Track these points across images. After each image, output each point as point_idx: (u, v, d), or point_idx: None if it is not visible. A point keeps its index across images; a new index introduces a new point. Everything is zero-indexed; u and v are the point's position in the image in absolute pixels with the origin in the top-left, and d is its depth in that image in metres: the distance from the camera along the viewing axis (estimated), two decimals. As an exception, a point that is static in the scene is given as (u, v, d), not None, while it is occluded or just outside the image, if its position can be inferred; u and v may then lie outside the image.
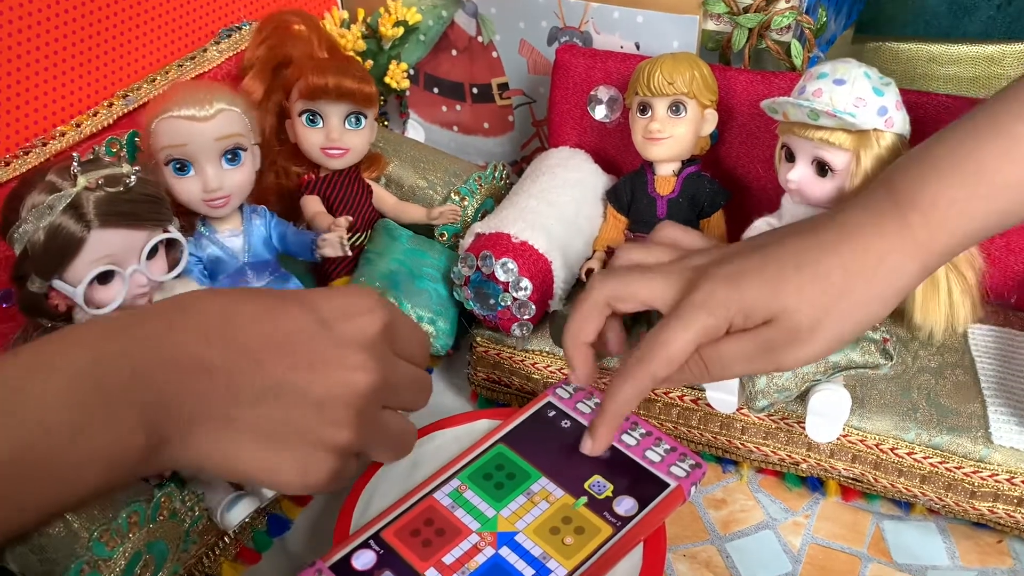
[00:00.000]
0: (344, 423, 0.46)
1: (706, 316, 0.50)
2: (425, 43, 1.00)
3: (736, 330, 0.51)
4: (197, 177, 0.67)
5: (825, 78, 0.64)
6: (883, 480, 0.65)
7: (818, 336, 0.49)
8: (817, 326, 0.49)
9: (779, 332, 0.49)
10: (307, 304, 0.47)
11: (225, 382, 0.43)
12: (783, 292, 0.49)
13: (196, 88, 0.67)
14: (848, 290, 0.49)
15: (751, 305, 0.50)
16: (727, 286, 0.50)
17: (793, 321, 0.49)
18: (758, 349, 0.50)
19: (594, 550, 0.53)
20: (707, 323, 0.50)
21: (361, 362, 0.46)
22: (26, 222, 0.55)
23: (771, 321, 0.49)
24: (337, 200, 0.78)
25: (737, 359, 0.51)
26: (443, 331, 0.74)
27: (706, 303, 0.50)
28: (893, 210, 0.49)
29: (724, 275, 0.51)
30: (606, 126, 0.83)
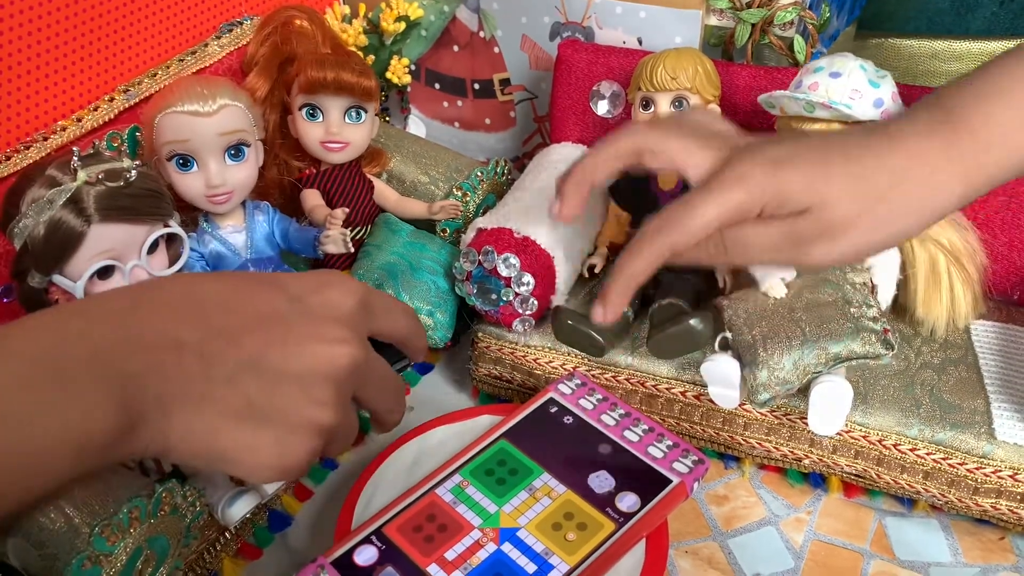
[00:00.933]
0: (326, 402, 0.44)
1: (741, 193, 0.48)
2: (427, 38, 0.99)
3: (768, 215, 0.49)
4: (200, 172, 0.67)
5: (821, 71, 0.64)
6: (886, 476, 0.65)
7: (850, 235, 0.48)
8: (852, 224, 0.48)
9: (812, 224, 0.48)
10: (276, 283, 0.46)
11: (196, 359, 0.41)
12: (825, 183, 0.48)
13: (200, 83, 0.67)
14: (890, 195, 0.48)
15: (790, 190, 0.48)
16: (768, 167, 0.49)
17: (829, 214, 0.48)
18: (786, 238, 0.49)
19: (596, 546, 0.53)
20: (740, 200, 0.48)
21: (341, 335, 0.44)
22: (26, 217, 0.55)
23: (806, 211, 0.48)
24: (337, 194, 0.78)
25: (762, 246, 0.50)
26: (441, 323, 0.74)
27: (743, 180, 0.48)
28: (945, 126, 0.49)
29: (766, 157, 0.49)
30: (608, 121, 0.83)
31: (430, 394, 0.79)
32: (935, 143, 0.49)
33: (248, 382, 0.42)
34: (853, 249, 0.49)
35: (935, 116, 0.50)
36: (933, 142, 0.49)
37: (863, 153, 0.49)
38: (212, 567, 0.62)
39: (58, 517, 0.50)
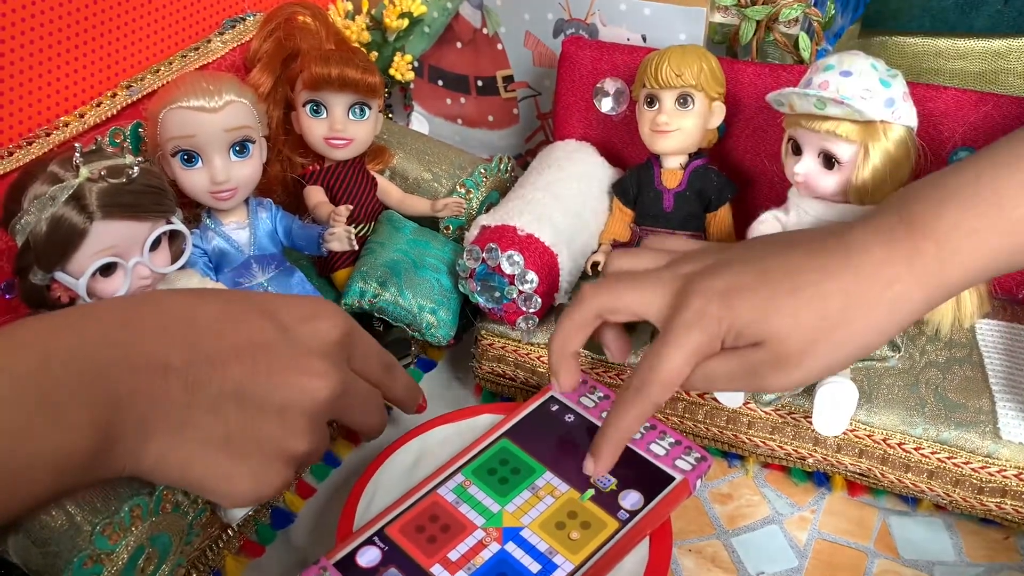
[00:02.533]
0: (303, 433, 0.45)
1: (698, 335, 0.49)
2: (430, 35, 0.99)
3: (726, 347, 0.49)
4: (204, 169, 0.67)
5: (832, 70, 0.64)
6: (890, 475, 0.64)
7: (806, 364, 0.48)
8: (807, 354, 0.47)
9: (767, 356, 0.48)
10: (267, 310, 0.46)
11: (182, 384, 0.41)
12: (776, 315, 0.47)
13: (205, 79, 0.67)
14: (846, 319, 0.47)
15: (742, 325, 0.48)
16: (719, 303, 0.49)
17: (783, 347, 0.47)
18: (743, 370, 0.49)
19: (600, 545, 0.53)
20: (699, 342, 0.49)
21: (322, 369, 0.45)
22: (28, 213, 0.55)
23: (760, 344, 0.48)
24: (341, 191, 0.78)
25: (720, 377, 0.50)
26: (444, 321, 0.74)
27: (697, 322, 0.49)
28: (905, 236, 0.47)
29: (717, 291, 0.49)
30: (612, 119, 0.83)
31: (433, 391, 0.79)
32: (895, 253, 0.47)
33: (230, 412, 0.42)
34: (812, 375, 0.49)
35: (895, 223, 0.48)
36: (893, 252, 0.47)
37: (818, 275, 0.48)
38: (214, 565, 0.62)
39: (60, 515, 0.50)
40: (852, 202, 0.66)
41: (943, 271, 0.47)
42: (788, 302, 0.47)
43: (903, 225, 0.48)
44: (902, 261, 0.47)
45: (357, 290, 0.71)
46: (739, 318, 0.48)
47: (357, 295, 0.71)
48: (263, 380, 0.43)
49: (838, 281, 0.47)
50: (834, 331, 0.47)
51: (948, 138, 0.70)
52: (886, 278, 0.47)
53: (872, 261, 0.47)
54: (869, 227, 0.49)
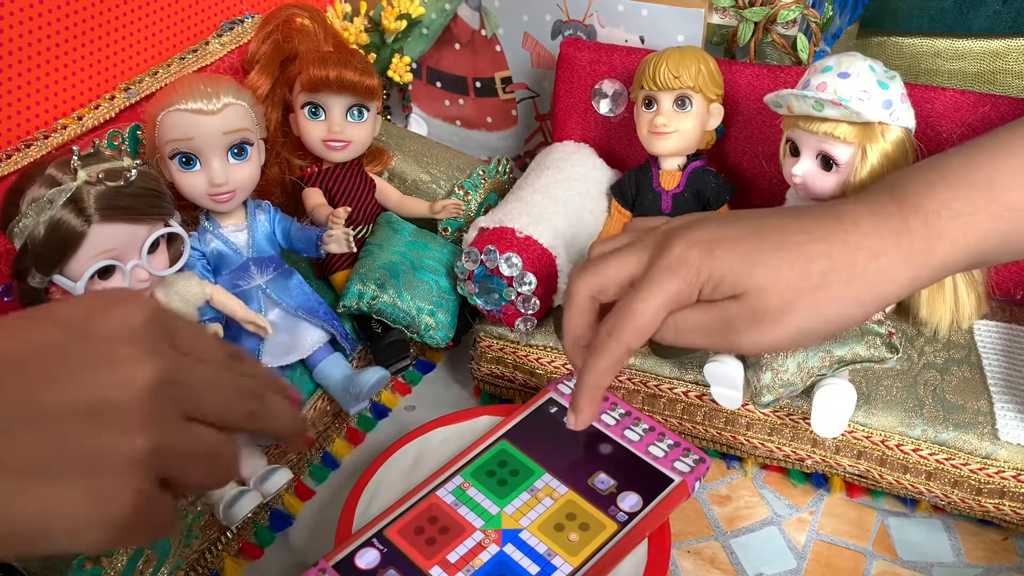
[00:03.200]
0: (131, 428, 0.36)
1: (676, 281, 0.47)
2: (428, 36, 0.99)
3: (704, 297, 0.48)
4: (203, 171, 0.67)
5: (830, 71, 0.64)
6: (888, 476, 0.65)
7: (783, 323, 0.46)
8: (785, 312, 0.46)
9: (743, 310, 0.46)
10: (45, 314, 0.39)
11: None
12: (758, 267, 0.46)
13: (203, 81, 0.67)
14: (828, 281, 0.46)
15: (722, 274, 0.47)
16: (700, 251, 0.47)
17: (761, 301, 0.46)
18: (717, 323, 0.47)
19: (599, 546, 0.53)
20: (677, 288, 0.47)
21: (131, 353, 0.38)
22: (26, 216, 0.55)
23: (738, 296, 0.46)
24: (339, 193, 0.78)
25: (693, 329, 0.48)
26: (443, 323, 0.74)
27: (676, 267, 0.47)
28: (896, 211, 0.47)
29: (698, 239, 0.48)
30: (610, 120, 0.83)
31: (431, 393, 0.79)
32: (884, 227, 0.47)
33: (32, 431, 0.35)
34: (787, 336, 0.47)
35: (887, 200, 0.48)
36: (882, 226, 0.47)
37: (804, 236, 0.47)
38: (213, 567, 0.62)
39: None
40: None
41: (930, 250, 0.46)
42: (772, 256, 0.46)
43: (894, 202, 0.48)
44: (890, 235, 0.47)
45: (355, 292, 0.71)
46: (720, 267, 0.47)
47: (355, 297, 0.71)
48: (55, 386, 0.36)
49: (824, 244, 0.47)
50: (814, 292, 0.46)
51: (946, 139, 0.70)
52: (872, 249, 0.46)
53: (860, 231, 0.47)
54: (860, 201, 0.49)
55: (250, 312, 0.67)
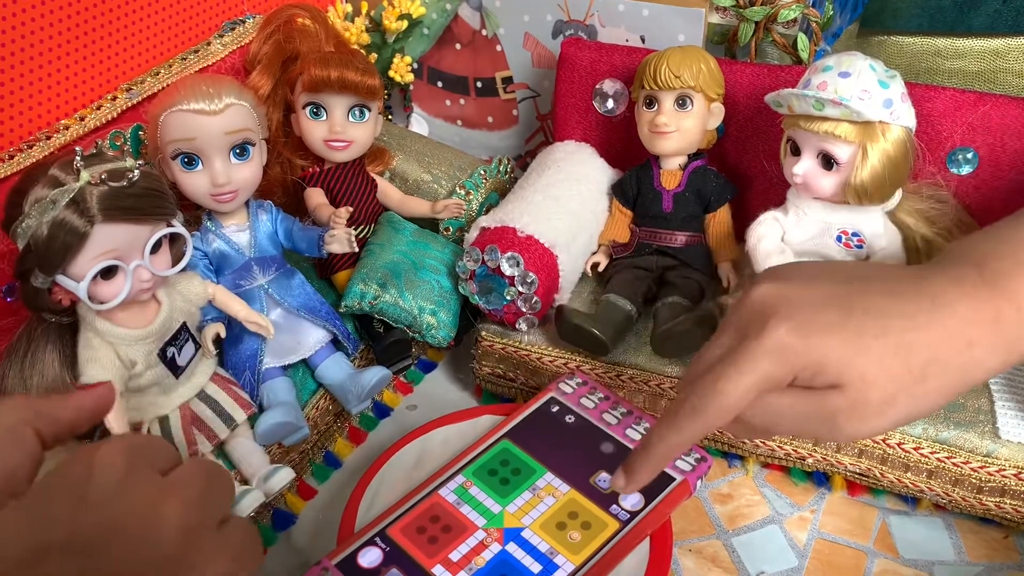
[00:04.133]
0: None
1: (771, 365, 0.44)
2: (429, 36, 0.99)
3: (798, 384, 0.44)
4: (205, 171, 0.67)
5: (830, 71, 0.64)
6: (890, 475, 0.65)
7: (886, 415, 0.44)
8: (887, 404, 0.43)
9: (847, 402, 0.43)
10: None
11: None
12: (862, 358, 0.43)
13: (205, 82, 0.67)
14: (928, 374, 0.43)
15: (825, 363, 0.43)
16: (800, 335, 0.44)
17: (863, 394, 0.43)
18: (818, 413, 0.44)
19: (601, 545, 0.53)
20: (771, 372, 0.44)
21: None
22: (29, 217, 0.55)
23: (840, 387, 0.43)
24: (341, 193, 0.78)
25: (788, 417, 0.45)
26: (444, 322, 0.74)
27: (773, 350, 0.44)
28: (988, 296, 0.44)
29: (798, 320, 0.44)
30: (611, 120, 0.83)
31: (433, 393, 0.79)
32: (978, 314, 0.44)
33: None
34: (888, 426, 0.44)
35: (976, 280, 0.45)
36: (976, 312, 0.44)
37: (903, 324, 0.44)
38: (216, 566, 0.62)
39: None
40: (851, 202, 0.66)
41: (1021, 338, 0.44)
42: (875, 346, 0.43)
43: (985, 285, 0.45)
44: (984, 323, 0.44)
45: (357, 292, 0.71)
46: (822, 354, 0.43)
47: (357, 297, 0.71)
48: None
49: (925, 334, 0.44)
50: (915, 385, 0.44)
51: (947, 138, 0.70)
52: (968, 338, 0.44)
53: (957, 318, 0.44)
54: (949, 279, 0.46)
55: (252, 312, 0.67)
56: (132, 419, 0.61)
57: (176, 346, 0.62)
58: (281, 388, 0.69)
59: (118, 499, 0.35)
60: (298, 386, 0.70)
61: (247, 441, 0.65)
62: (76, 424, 0.40)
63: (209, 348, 0.65)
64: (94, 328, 0.58)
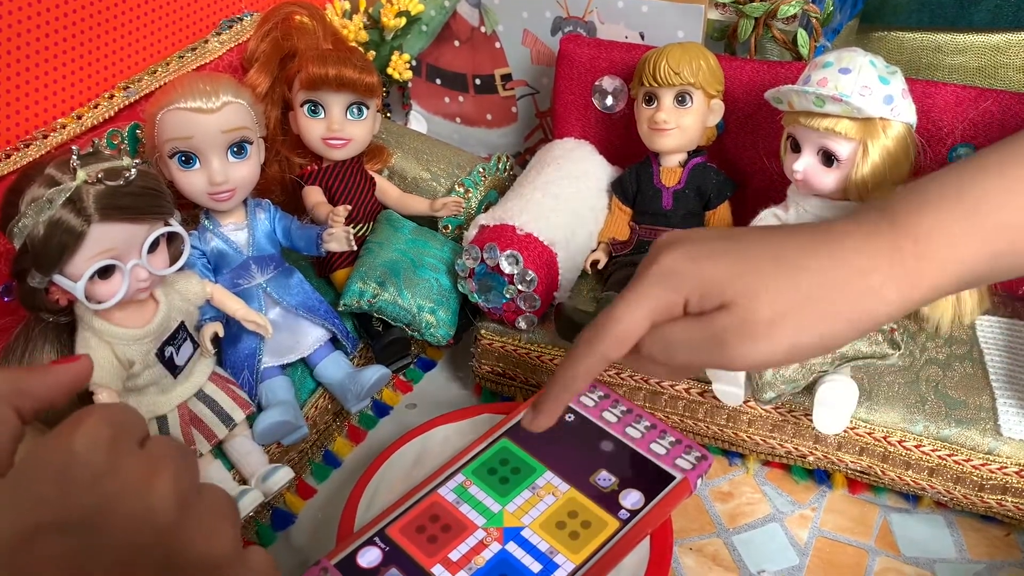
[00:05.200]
0: None
1: (661, 289, 0.45)
2: (427, 33, 0.99)
3: (691, 311, 0.45)
4: (202, 170, 0.67)
5: (830, 67, 0.64)
6: (891, 473, 0.64)
7: (775, 335, 0.44)
8: (776, 324, 0.44)
9: (734, 320, 0.44)
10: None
11: None
12: (747, 275, 0.45)
13: (202, 80, 0.67)
14: (818, 295, 0.44)
15: (710, 281, 0.45)
16: (687, 259, 0.45)
17: (751, 310, 0.44)
18: (707, 338, 0.45)
19: (601, 544, 0.53)
20: (661, 297, 0.45)
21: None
22: (26, 216, 0.54)
23: (728, 306, 0.44)
24: (339, 191, 0.78)
25: (680, 343, 0.46)
26: (443, 321, 0.73)
27: (662, 276, 0.45)
28: (887, 230, 0.46)
29: (688, 249, 0.46)
30: (611, 117, 0.83)
31: (432, 391, 0.79)
32: (874, 246, 0.46)
33: None
34: (780, 350, 0.45)
35: (879, 219, 0.47)
36: (872, 245, 0.46)
37: (793, 251, 0.46)
38: (215, 566, 0.62)
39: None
40: (852, 199, 0.66)
41: (920, 271, 0.45)
42: (765, 266, 0.45)
43: (885, 221, 0.47)
44: (880, 254, 0.45)
45: (356, 290, 0.71)
46: (708, 274, 0.45)
47: (356, 295, 0.71)
48: None
49: (816, 259, 0.45)
50: (805, 306, 0.44)
51: (948, 134, 0.70)
52: (863, 267, 0.45)
53: (851, 247, 0.46)
54: (852, 219, 0.48)
55: (251, 311, 0.67)
56: (130, 419, 0.61)
57: (174, 345, 0.61)
58: (280, 387, 0.68)
59: (108, 477, 0.35)
60: (297, 385, 0.70)
61: (246, 440, 0.65)
62: (54, 398, 0.40)
63: (207, 347, 0.64)
64: (91, 327, 0.58)
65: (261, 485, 0.63)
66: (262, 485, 0.63)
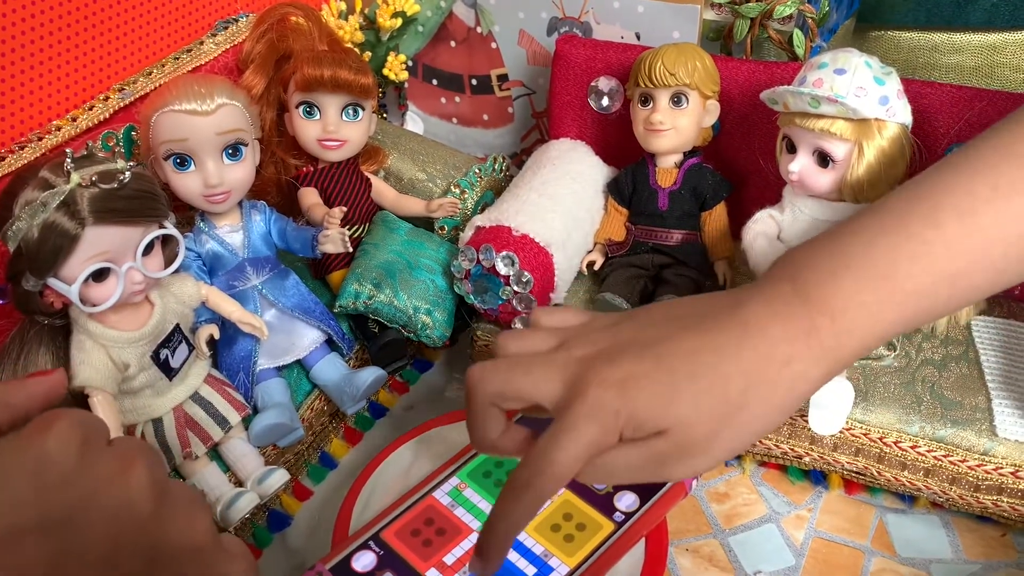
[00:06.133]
0: None
1: (594, 427, 0.44)
2: (423, 34, 0.99)
3: (626, 439, 0.45)
4: (197, 172, 0.66)
5: (825, 68, 0.64)
6: (887, 473, 0.64)
7: (713, 449, 0.45)
8: (712, 439, 0.44)
9: (671, 445, 0.44)
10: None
11: None
12: (677, 403, 0.44)
13: (197, 82, 0.66)
14: (747, 400, 0.44)
15: (643, 416, 0.44)
16: (616, 394, 0.45)
17: (687, 435, 0.44)
18: (647, 461, 0.45)
19: (596, 547, 0.53)
20: (596, 434, 0.44)
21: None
22: (20, 219, 0.54)
23: (663, 433, 0.44)
24: (335, 192, 0.78)
25: (622, 468, 0.45)
26: (439, 322, 0.73)
27: (594, 414, 0.44)
28: (801, 310, 0.45)
29: (613, 381, 0.45)
30: (607, 117, 0.83)
31: (429, 393, 0.79)
32: (791, 330, 0.45)
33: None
34: (718, 458, 0.45)
35: (790, 296, 0.46)
36: (789, 328, 0.45)
37: (714, 357, 0.45)
38: (211, 569, 0.62)
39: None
40: (847, 200, 0.66)
41: (840, 346, 0.45)
42: (687, 388, 0.44)
43: (798, 298, 0.46)
44: (799, 338, 0.45)
45: (352, 292, 0.71)
46: (639, 409, 0.44)
47: (352, 297, 0.71)
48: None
49: (736, 363, 0.45)
50: (737, 414, 0.45)
51: (943, 135, 0.70)
52: (784, 356, 0.45)
53: (769, 339, 0.45)
54: (762, 300, 0.47)
55: (246, 313, 0.66)
56: (125, 421, 0.61)
57: (169, 348, 0.61)
58: (275, 389, 0.68)
59: (84, 475, 0.35)
60: (293, 387, 0.70)
61: (242, 443, 0.65)
62: (29, 410, 0.40)
63: (203, 350, 0.64)
64: (86, 330, 0.58)
65: (257, 487, 0.63)
66: (258, 487, 0.63)
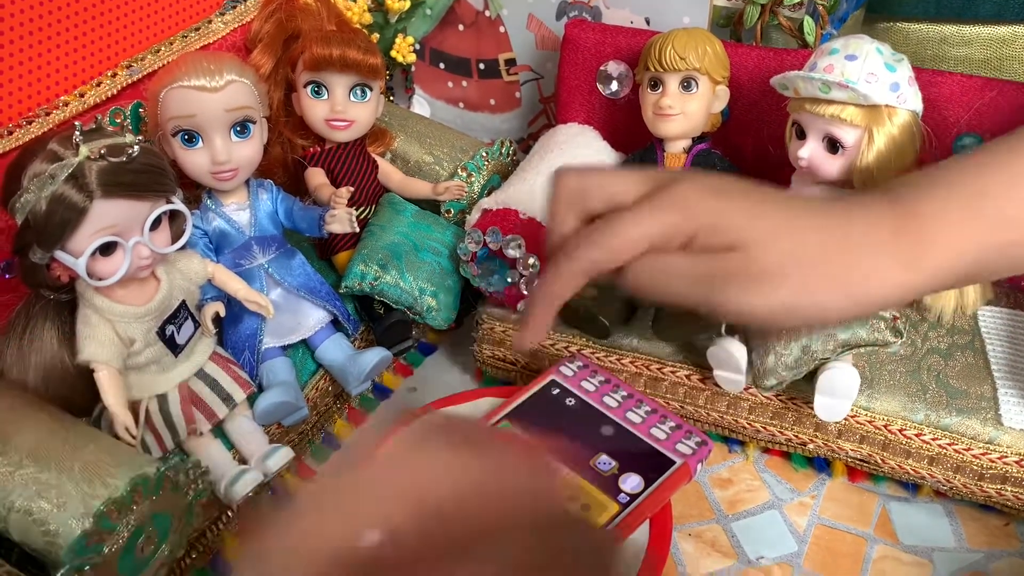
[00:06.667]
0: None
1: (673, 214, 0.43)
2: (432, 17, 0.99)
3: (696, 246, 0.44)
4: (205, 149, 0.66)
5: (836, 54, 0.64)
6: (891, 461, 0.64)
7: (776, 288, 0.43)
8: (778, 276, 0.43)
9: (738, 263, 0.43)
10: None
11: None
12: (763, 222, 0.43)
13: (206, 58, 0.66)
14: (823, 259, 0.44)
15: (727, 221, 0.43)
16: (707, 193, 0.44)
17: (760, 258, 0.43)
18: (706, 273, 0.43)
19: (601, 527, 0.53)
20: (672, 221, 0.43)
21: None
22: (28, 192, 0.54)
23: (737, 248, 0.43)
24: (341, 173, 0.77)
25: (677, 274, 0.44)
26: (445, 304, 0.73)
27: (678, 203, 0.43)
28: (890, 213, 0.45)
29: (706, 185, 0.45)
30: (615, 102, 0.82)
31: (433, 375, 0.79)
32: (879, 223, 0.45)
33: None
34: (773, 306, 0.43)
35: (881, 203, 0.46)
36: (877, 221, 0.45)
37: (804, 211, 0.45)
38: (214, 546, 0.62)
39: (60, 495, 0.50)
40: (856, 187, 0.65)
41: (924, 253, 0.45)
42: (781, 216, 0.44)
43: (888, 202, 0.46)
44: (885, 231, 0.45)
45: (358, 272, 0.71)
46: (724, 213, 0.43)
47: (358, 277, 0.71)
48: None
49: (825, 220, 0.45)
50: (808, 267, 0.43)
51: (953, 123, 0.70)
52: (867, 236, 0.44)
53: (857, 220, 0.45)
54: (856, 201, 0.47)
55: (252, 291, 0.66)
56: (131, 397, 0.61)
57: (175, 324, 0.61)
58: (281, 368, 0.68)
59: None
60: (298, 366, 0.70)
61: (246, 421, 0.65)
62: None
63: (208, 327, 0.64)
64: (92, 305, 0.58)
65: (261, 465, 0.63)
66: (262, 465, 0.63)
